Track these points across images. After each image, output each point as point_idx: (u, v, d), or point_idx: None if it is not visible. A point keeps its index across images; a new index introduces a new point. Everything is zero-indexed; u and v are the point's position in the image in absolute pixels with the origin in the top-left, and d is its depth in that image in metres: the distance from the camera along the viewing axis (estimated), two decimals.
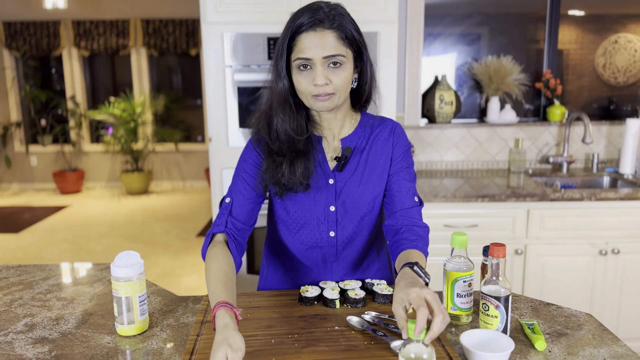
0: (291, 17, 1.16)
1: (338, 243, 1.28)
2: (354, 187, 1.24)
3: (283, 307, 1.21)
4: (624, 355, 1.02)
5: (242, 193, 1.22)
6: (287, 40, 1.13)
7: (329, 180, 1.24)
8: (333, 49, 1.10)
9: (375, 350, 1.01)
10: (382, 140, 1.27)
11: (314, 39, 1.10)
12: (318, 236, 1.27)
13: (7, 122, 6.73)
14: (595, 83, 3.18)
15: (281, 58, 1.14)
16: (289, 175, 1.17)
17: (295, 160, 1.17)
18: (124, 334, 1.12)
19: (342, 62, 1.12)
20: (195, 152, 6.95)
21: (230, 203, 1.21)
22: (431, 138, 2.99)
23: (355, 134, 1.26)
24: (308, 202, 1.24)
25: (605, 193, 2.38)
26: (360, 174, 1.25)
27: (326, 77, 1.10)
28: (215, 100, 2.48)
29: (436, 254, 2.38)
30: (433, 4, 3.00)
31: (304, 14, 1.12)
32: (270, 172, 1.19)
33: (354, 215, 1.26)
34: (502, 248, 1.05)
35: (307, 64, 1.11)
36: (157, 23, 6.49)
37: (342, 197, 1.24)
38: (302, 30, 1.11)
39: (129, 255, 1.13)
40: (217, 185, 2.54)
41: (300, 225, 1.27)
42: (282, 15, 2.39)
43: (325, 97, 1.13)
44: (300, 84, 1.13)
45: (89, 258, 4.29)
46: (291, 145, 1.18)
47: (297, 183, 1.18)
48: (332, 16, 1.11)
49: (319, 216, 1.25)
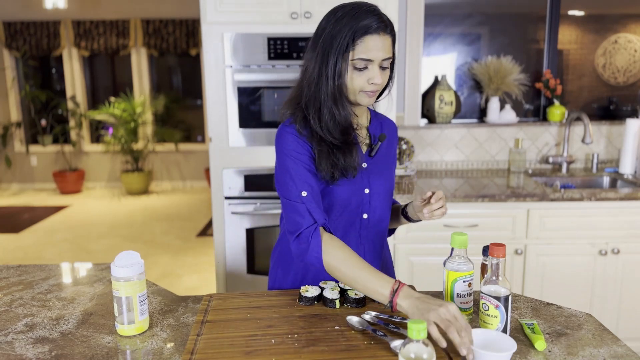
0: (346, 15, 1.17)
1: (370, 225, 1.34)
2: (383, 171, 1.35)
3: (283, 307, 1.21)
4: (624, 355, 1.02)
5: (311, 183, 1.23)
6: (350, 40, 1.16)
7: (362, 164, 1.31)
8: (389, 52, 1.19)
9: (375, 350, 1.01)
10: (392, 131, 1.41)
11: (377, 42, 1.17)
12: (354, 218, 1.32)
13: (7, 122, 6.73)
14: (595, 83, 3.18)
15: (341, 56, 1.18)
16: (344, 161, 1.23)
17: (348, 149, 1.24)
18: (124, 334, 1.12)
19: (390, 63, 1.22)
20: (195, 152, 6.95)
21: (310, 195, 1.21)
22: (431, 138, 2.99)
23: (373, 125, 1.38)
24: (351, 186, 1.29)
25: (605, 193, 2.38)
26: (383, 160, 1.36)
27: (381, 76, 1.19)
28: (215, 100, 2.48)
29: (436, 254, 2.39)
30: (433, 4, 3.00)
31: (368, 16, 1.16)
32: (328, 160, 1.23)
33: (382, 198, 1.35)
34: (502, 248, 1.05)
35: (367, 64, 1.18)
36: (157, 23, 6.49)
37: (375, 181, 1.32)
38: (369, 32, 1.16)
39: (129, 255, 1.13)
40: (217, 185, 2.54)
41: (342, 209, 1.30)
42: (282, 15, 2.39)
43: (374, 93, 1.23)
44: (354, 80, 1.20)
45: (89, 258, 4.29)
46: (345, 134, 1.25)
47: (353, 167, 1.24)
48: (388, 21, 1.20)
49: (358, 199, 1.31)
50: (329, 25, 1.18)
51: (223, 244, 2.58)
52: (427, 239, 2.38)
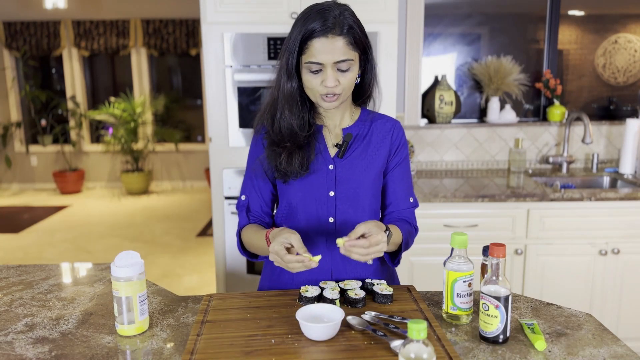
0: (301, 18, 1.18)
1: (337, 229, 1.30)
2: (354, 174, 1.29)
3: (283, 307, 1.21)
4: (624, 355, 1.02)
5: (256, 187, 1.33)
6: (298, 43, 1.16)
7: (329, 166, 1.29)
8: (343, 54, 1.15)
9: (375, 350, 1.01)
10: (382, 132, 1.32)
11: (325, 45, 1.14)
12: (317, 222, 1.30)
13: (7, 122, 6.73)
14: (595, 83, 3.18)
15: (291, 58, 1.18)
16: (286, 164, 1.24)
17: (294, 152, 1.24)
18: (124, 334, 1.12)
19: (350, 65, 1.18)
20: (195, 152, 6.95)
21: (246, 201, 1.33)
22: (431, 138, 2.99)
23: (356, 125, 1.32)
24: (308, 187, 1.28)
25: (605, 193, 2.38)
26: (361, 162, 1.29)
27: (335, 79, 1.17)
28: (215, 100, 2.48)
29: (436, 254, 2.39)
30: (433, 4, 3.00)
31: (316, 19, 1.15)
32: (271, 160, 1.27)
33: (354, 201, 1.30)
34: (502, 248, 1.05)
35: (320, 67, 1.16)
36: (157, 23, 6.49)
37: (342, 183, 1.29)
38: (314, 35, 1.15)
39: (129, 255, 1.13)
40: (217, 185, 2.54)
41: (301, 210, 1.30)
42: (282, 15, 2.39)
43: (332, 97, 1.20)
44: (309, 82, 1.19)
45: (89, 258, 4.29)
46: (293, 138, 1.24)
47: (294, 172, 1.25)
48: (341, 22, 1.15)
49: (319, 201, 1.29)
50: (291, 28, 1.20)
51: (223, 244, 2.58)
52: (427, 239, 2.38)
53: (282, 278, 1.37)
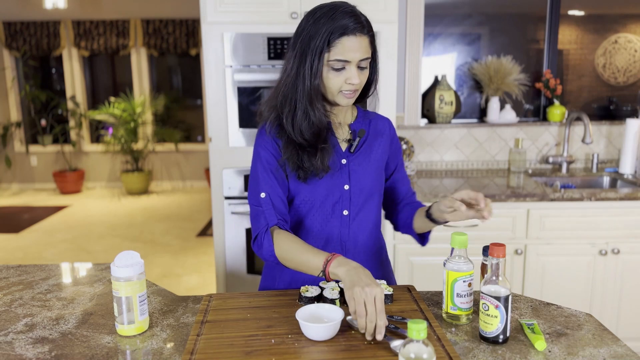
0: (323, 17, 1.18)
1: (350, 221, 1.33)
2: (364, 167, 1.33)
3: (283, 307, 1.21)
4: (624, 355, 1.02)
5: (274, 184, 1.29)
6: (327, 41, 1.17)
7: (342, 160, 1.31)
8: (366, 52, 1.20)
9: (375, 350, 1.01)
10: (379, 130, 1.38)
11: (354, 43, 1.17)
12: (332, 215, 1.32)
13: (7, 122, 6.73)
14: (595, 83, 3.18)
15: (317, 56, 1.18)
16: (311, 163, 1.24)
17: (319, 151, 1.25)
18: (124, 334, 1.12)
19: (368, 63, 1.23)
20: (195, 152, 6.95)
21: (268, 196, 1.27)
22: (431, 138, 2.99)
23: (358, 122, 1.37)
24: (327, 182, 1.30)
25: (605, 193, 2.38)
26: (366, 156, 1.34)
27: (359, 77, 1.20)
28: (215, 100, 2.48)
29: (436, 254, 2.39)
30: (433, 4, 3.00)
31: (346, 17, 1.17)
32: (294, 160, 1.26)
33: (364, 194, 1.33)
34: (502, 248, 1.05)
35: (344, 65, 1.19)
36: (157, 23, 6.49)
37: (354, 176, 1.32)
38: (346, 33, 1.16)
39: (129, 255, 1.13)
40: (217, 185, 2.54)
41: (318, 205, 1.31)
42: (282, 15, 2.39)
43: (352, 93, 1.23)
44: (331, 80, 1.21)
45: (88, 258, 4.29)
46: (316, 136, 1.25)
47: (319, 169, 1.26)
48: (367, 22, 1.20)
49: (335, 195, 1.31)
50: (307, 25, 1.19)
51: (223, 244, 2.58)
52: None
53: (282, 278, 1.37)
